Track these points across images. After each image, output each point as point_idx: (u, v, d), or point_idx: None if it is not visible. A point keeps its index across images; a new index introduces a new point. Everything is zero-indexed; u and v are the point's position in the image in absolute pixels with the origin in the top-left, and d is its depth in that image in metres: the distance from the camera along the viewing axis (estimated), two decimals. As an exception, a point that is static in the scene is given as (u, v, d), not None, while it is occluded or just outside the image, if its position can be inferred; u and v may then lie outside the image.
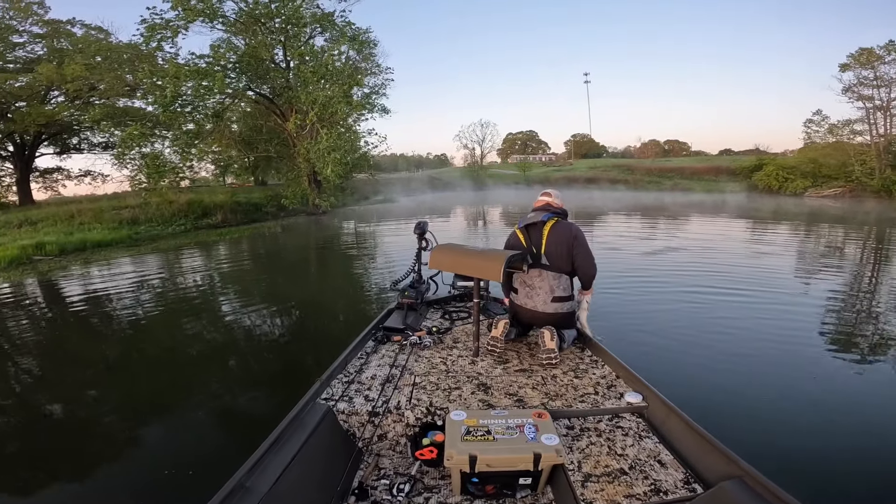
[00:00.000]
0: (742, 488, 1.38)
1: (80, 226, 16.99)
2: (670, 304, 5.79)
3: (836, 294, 6.30)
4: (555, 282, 2.67)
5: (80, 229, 16.39)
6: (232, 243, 14.46)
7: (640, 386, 2.15)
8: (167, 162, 19.61)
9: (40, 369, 4.73)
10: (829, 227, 14.70)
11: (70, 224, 17.18)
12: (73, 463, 2.92)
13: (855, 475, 2.40)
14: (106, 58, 20.45)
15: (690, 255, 9.36)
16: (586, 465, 1.68)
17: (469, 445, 1.57)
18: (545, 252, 2.69)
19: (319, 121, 18.82)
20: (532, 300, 2.70)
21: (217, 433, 3.17)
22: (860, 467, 2.46)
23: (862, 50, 29.29)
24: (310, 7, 20.87)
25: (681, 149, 66.16)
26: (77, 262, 11.68)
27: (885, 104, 28.92)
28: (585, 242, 2.69)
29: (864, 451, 2.60)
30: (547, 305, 2.67)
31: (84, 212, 18.47)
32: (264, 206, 23.12)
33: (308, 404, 1.94)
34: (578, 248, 2.65)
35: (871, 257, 9.46)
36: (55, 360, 4.90)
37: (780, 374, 3.70)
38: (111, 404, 3.76)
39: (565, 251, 2.65)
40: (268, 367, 4.31)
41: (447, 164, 73.49)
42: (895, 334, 4.58)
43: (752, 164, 38.18)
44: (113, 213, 18.76)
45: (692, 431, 1.74)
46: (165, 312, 6.38)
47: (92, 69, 19.45)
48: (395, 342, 2.78)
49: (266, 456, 1.53)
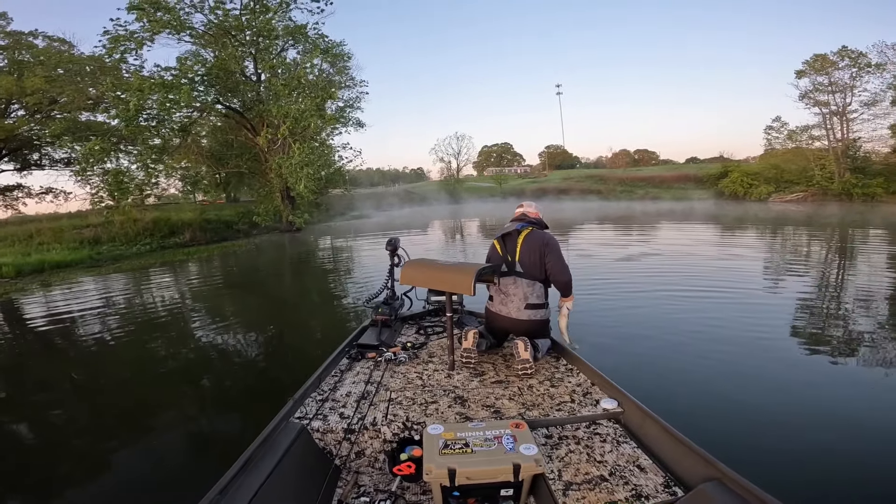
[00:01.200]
0: (721, 490, 1.39)
1: (39, 246, 16.31)
2: (642, 309, 5.82)
3: (805, 293, 6.42)
4: (528, 289, 2.70)
5: (39, 250, 15.76)
6: (200, 262, 13.96)
7: (615, 392, 2.16)
8: (132, 178, 18.88)
9: (3, 391, 4.59)
10: (794, 230, 15.20)
11: (28, 244, 16.47)
12: (39, 485, 2.86)
13: (832, 472, 2.42)
14: (68, 70, 19.74)
15: (662, 261, 9.50)
16: (566, 473, 1.67)
17: (447, 459, 1.56)
18: (519, 260, 2.74)
19: (291, 135, 18.46)
20: (506, 307, 2.73)
21: (188, 455, 3.09)
22: (837, 464, 2.48)
23: (816, 56, 30.76)
24: (282, 20, 20.68)
25: (650, 158, 68.01)
26: (35, 283, 11.32)
27: (841, 109, 30.34)
28: (558, 250, 2.74)
29: (841, 447, 2.62)
30: (521, 312, 2.70)
31: (43, 231, 17.75)
32: (236, 224, 22.50)
33: (281, 423, 1.90)
34: (550, 255, 2.70)
35: (837, 257, 9.74)
36: (18, 382, 4.75)
37: (753, 374, 3.72)
38: (79, 426, 3.65)
39: (538, 259, 2.71)
40: (241, 387, 4.20)
41: (423, 178, 73.66)
42: (865, 331, 4.63)
43: (717, 171, 39.48)
44: (74, 233, 18.11)
45: (669, 435, 1.75)
46: (131, 334, 6.16)
47: (52, 82, 18.68)
48: (370, 359, 2.76)
49: (238, 477, 1.50)
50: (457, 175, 58.11)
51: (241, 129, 22.94)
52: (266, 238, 20.45)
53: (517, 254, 2.74)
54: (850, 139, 30.53)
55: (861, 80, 29.61)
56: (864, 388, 3.41)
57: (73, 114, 20.84)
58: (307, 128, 18.76)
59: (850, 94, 29.96)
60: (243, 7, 19.58)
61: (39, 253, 15.08)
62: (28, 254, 14.89)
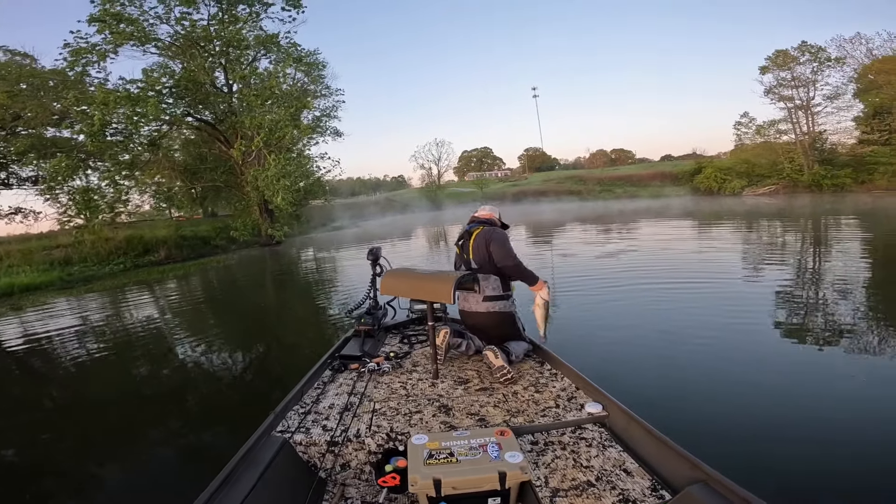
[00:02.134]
0: (707, 492, 1.39)
1: (9, 269, 15.63)
2: (623, 305, 5.83)
3: (785, 286, 6.46)
4: (484, 282, 2.77)
5: (8, 272, 15.11)
6: (176, 280, 13.57)
7: (599, 396, 2.16)
8: (102, 195, 18.28)
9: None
10: (768, 222, 15.57)
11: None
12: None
13: (817, 470, 2.40)
14: (30, 84, 19.07)
15: (641, 257, 9.61)
16: (553, 479, 1.66)
17: (432, 469, 1.55)
18: (473, 258, 2.85)
19: (266, 146, 18.11)
20: (468, 302, 2.85)
21: (170, 473, 3.04)
22: (822, 462, 2.46)
23: (778, 52, 31.69)
24: (252, 30, 20.35)
25: (626, 157, 69.26)
26: (4, 307, 11.00)
27: (805, 103, 31.30)
28: (501, 239, 2.82)
29: (826, 445, 2.60)
30: (479, 305, 2.80)
31: (12, 253, 17.02)
32: (213, 240, 21.92)
33: (262, 438, 1.88)
34: (493, 245, 2.78)
35: (812, 248, 9.94)
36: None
37: (737, 369, 3.70)
38: (60, 445, 3.61)
39: (486, 251, 2.79)
40: (223, 403, 4.14)
41: (405, 186, 73.56)
42: (847, 323, 4.59)
43: (692, 168, 40.42)
44: (43, 254, 17.45)
45: (653, 438, 1.74)
46: (109, 354, 6.06)
47: (14, 97, 17.91)
48: (353, 370, 2.72)
49: (218, 493, 1.47)
50: (438, 181, 58.15)
51: (214, 141, 22.46)
52: (245, 253, 19.99)
53: (470, 252, 2.86)
54: (816, 132, 31.50)
55: (822, 75, 30.65)
56: (847, 382, 3.39)
57: (38, 130, 20.12)
58: (282, 138, 18.43)
59: (812, 89, 30.94)
60: (211, 17, 19.18)
61: (9, 276, 14.50)
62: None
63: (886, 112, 29.06)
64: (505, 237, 2.85)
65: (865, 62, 30.24)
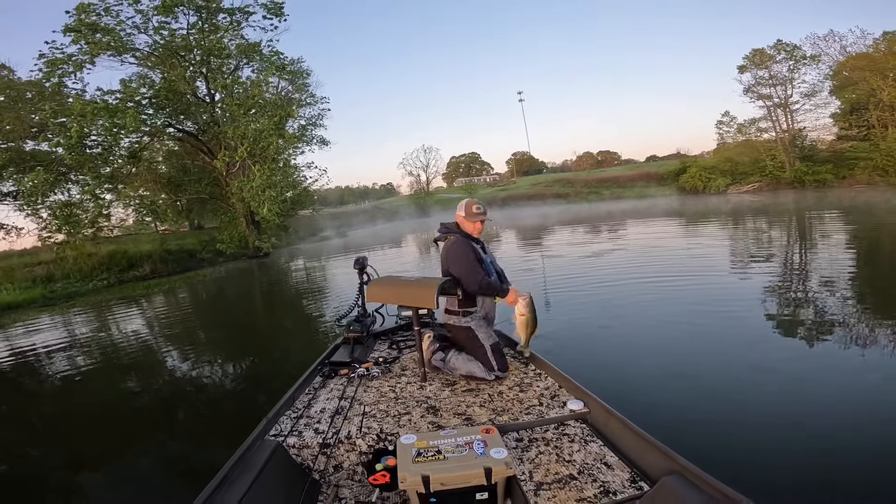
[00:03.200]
0: (681, 482, 1.44)
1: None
2: (608, 306, 5.87)
3: (768, 281, 6.52)
4: (441, 297, 2.69)
5: (-11, 291, 14.70)
6: (162, 295, 13.30)
7: (581, 393, 2.23)
8: (85, 210, 17.88)
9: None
10: (753, 218, 15.74)
11: (-24, 286, 15.28)
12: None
13: (785, 460, 2.42)
14: (7, 96, 18.64)
15: (625, 258, 9.68)
16: (537, 474, 1.72)
17: (421, 466, 1.61)
18: (442, 271, 2.83)
19: (250, 156, 17.87)
20: (440, 312, 2.90)
21: (165, 480, 3.08)
22: (792, 452, 2.49)
23: (755, 51, 32.22)
24: (234, 38, 20.14)
25: (612, 159, 69.99)
26: None
27: (784, 101, 31.83)
28: (457, 254, 2.66)
29: (797, 436, 2.63)
30: (443, 317, 2.85)
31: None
32: (199, 253, 21.56)
33: (256, 442, 1.91)
34: (452, 266, 2.68)
35: (798, 242, 10.06)
36: None
37: (714, 364, 3.76)
38: (51, 460, 3.61)
39: (446, 268, 2.74)
40: (215, 412, 4.15)
41: (393, 193, 73.46)
42: (826, 317, 4.62)
43: (676, 167, 40.90)
44: (25, 271, 17.10)
45: (632, 431, 1.81)
46: (96, 370, 5.98)
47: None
48: (343, 376, 2.78)
49: (214, 496, 1.51)
50: (426, 188, 58.18)
51: (197, 153, 22.11)
52: (232, 266, 19.69)
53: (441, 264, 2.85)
54: (796, 129, 32.05)
55: (799, 73, 31.13)
56: (825, 374, 3.42)
57: (16, 143, 19.66)
58: (267, 148, 18.18)
59: (790, 87, 31.42)
60: (191, 26, 18.92)
61: (-12, 294, 14.14)
62: (-23, 296, 13.95)
63: (863, 108, 29.63)
64: (462, 252, 2.65)
65: (840, 59, 30.82)
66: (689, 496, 1.38)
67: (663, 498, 1.44)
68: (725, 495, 1.32)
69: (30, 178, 16.33)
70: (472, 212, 2.74)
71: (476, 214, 2.74)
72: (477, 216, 2.74)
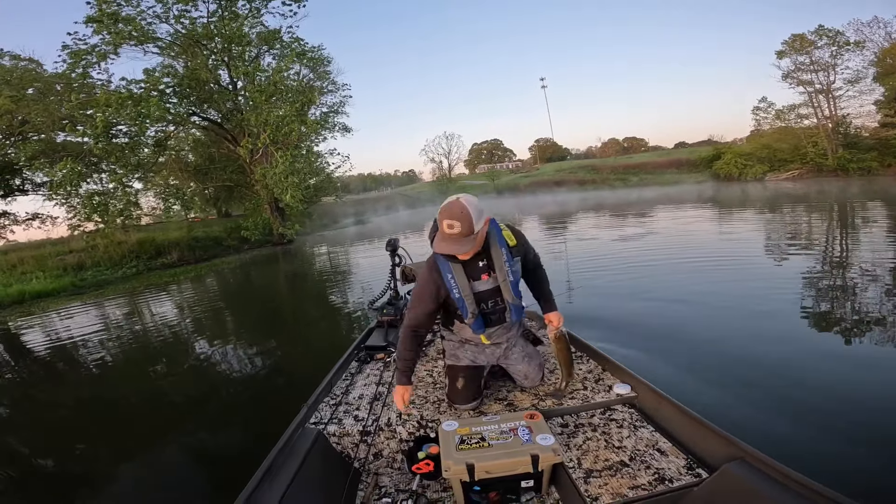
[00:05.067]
0: (746, 468, 1.37)
1: (22, 275, 15.67)
2: (648, 289, 5.67)
3: (822, 269, 6.15)
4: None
5: (22, 279, 15.16)
6: (190, 282, 13.41)
7: (626, 376, 2.14)
8: (114, 197, 18.12)
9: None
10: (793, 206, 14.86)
11: (11, 274, 15.79)
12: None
13: (854, 444, 2.24)
14: (36, 89, 18.94)
15: (666, 241, 9.46)
16: (586, 460, 1.67)
17: (465, 454, 1.56)
18: None
19: (273, 143, 17.74)
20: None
21: (208, 471, 3.02)
22: (859, 436, 2.30)
23: (795, 36, 30.64)
24: (254, 26, 19.91)
25: (639, 145, 68.01)
26: (14, 315, 10.89)
27: (826, 87, 30.17)
28: (417, 279, 2.13)
29: (863, 421, 2.44)
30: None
31: (26, 260, 17.06)
32: (225, 240, 21.75)
33: (297, 430, 1.89)
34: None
35: (845, 232, 9.40)
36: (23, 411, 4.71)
37: (767, 351, 3.50)
38: (87, 452, 3.57)
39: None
40: (252, 401, 4.03)
41: (416, 180, 73.19)
42: (880, 307, 4.31)
43: (710, 154, 39.44)
44: (57, 260, 17.41)
45: (686, 417, 1.72)
46: (128, 357, 5.96)
47: (19, 101, 17.73)
48: (379, 360, 2.75)
49: (261, 486, 1.49)
50: (449, 174, 57.71)
51: (222, 141, 22.20)
52: (257, 252, 19.81)
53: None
54: (839, 116, 30.41)
55: (842, 59, 29.64)
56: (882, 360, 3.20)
57: (48, 135, 20.07)
58: (289, 135, 18.04)
59: (832, 72, 29.93)
60: (210, 14, 18.75)
61: (21, 283, 14.51)
62: (10, 284, 14.35)
63: (910, 96, 27.90)
64: (419, 278, 2.03)
65: (885, 46, 29.17)
66: (755, 483, 1.30)
67: (727, 485, 1.37)
68: (799, 482, 1.23)
69: (59, 168, 16.57)
70: (441, 232, 1.80)
71: (446, 239, 1.78)
72: (446, 242, 1.78)
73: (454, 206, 1.76)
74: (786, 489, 1.24)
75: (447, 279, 1.90)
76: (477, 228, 1.76)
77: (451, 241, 1.76)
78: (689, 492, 1.45)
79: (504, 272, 1.92)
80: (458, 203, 1.76)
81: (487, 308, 1.99)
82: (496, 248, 1.91)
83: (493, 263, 1.93)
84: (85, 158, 17.85)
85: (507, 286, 1.93)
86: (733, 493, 1.34)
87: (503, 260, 1.91)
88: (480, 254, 1.91)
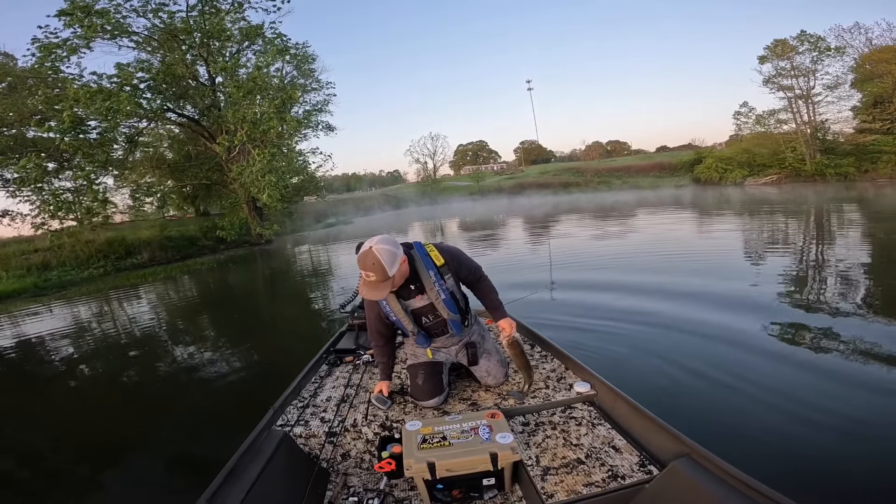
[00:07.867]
0: (692, 466, 1.40)
1: (-15, 276, 14.83)
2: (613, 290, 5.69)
3: (788, 270, 6.22)
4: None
5: (-17, 280, 14.35)
6: (160, 283, 12.90)
7: (587, 375, 2.16)
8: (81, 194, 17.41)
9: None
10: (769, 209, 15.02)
11: (-26, 275, 14.94)
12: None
13: (798, 445, 2.30)
14: (9, 84, 18.10)
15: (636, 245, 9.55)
16: (544, 458, 1.69)
17: (426, 453, 1.59)
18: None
19: (250, 141, 17.25)
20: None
21: (172, 474, 2.96)
22: (804, 437, 2.35)
23: (777, 41, 31.14)
24: (235, 21, 19.36)
25: (622, 149, 68.73)
26: None
27: (806, 93, 30.72)
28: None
29: (809, 421, 2.48)
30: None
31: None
32: (200, 240, 21.08)
33: (263, 432, 1.88)
34: None
35: (814, 234, 9.55)
36: None
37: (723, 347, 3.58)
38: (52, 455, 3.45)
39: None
40: (219, 404, 3.97)
41: (400, 180, 72.77)
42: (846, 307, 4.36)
43: (691, 158, 40.08)
44: (21, 259, 16.57)
45: (640, 414, 1.75)
46: (89, 364, 5.74)
47: (-11, 97, 16.95)
48: (348, 363, 2.75)
49: (223, 488, 1.48)
50: (434, 175, 57.48)
51: (198, 138, 21.55)
52: (234, 253, 19.25)
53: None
54: (818, 121, 31.02)
55: (822, 64, 30.19)
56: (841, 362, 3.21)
57: (17, 130, 19.17)
58: (267, 132, 17.54)
59: (812, 78, 30.44)
60: (190, 8, 18.16)
61: (-19, 284, 13.78)
62: (-30, 285, 13.60)
63: (887, 101, 28.60)
64: (365, 309, 2.26)
65: (864, 52, 29.88)
66: (701, 480, 1.32)
67: (674, 482, 1.40)
68: (739, 480, 1.26)
69: (23, 163, 15.80)
70: (361, 278, 1.91)
71: (366, 285, 1.89)
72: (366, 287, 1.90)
73: (368, 256, 1.84)
74: (726, 486, 1.27)
75: (383, 305, 2.08)
76: (392, 272, 1.85)
77: (371, 287, 1.88)
78: (641, 489, 1.47)
79: (434, 292, 2.04)
80: (371, 254, 1.84)
81: (429, 321, 2.12)
82: (423, 272, 2.02)
83: (424, 285, 2.04)
84: (54, 155, 17.12)
85: (440, 304, 2.06)
86: (680, 490, 1.36)
87: (432, 281, 2.03)
88: (410, 279, 2.02)
